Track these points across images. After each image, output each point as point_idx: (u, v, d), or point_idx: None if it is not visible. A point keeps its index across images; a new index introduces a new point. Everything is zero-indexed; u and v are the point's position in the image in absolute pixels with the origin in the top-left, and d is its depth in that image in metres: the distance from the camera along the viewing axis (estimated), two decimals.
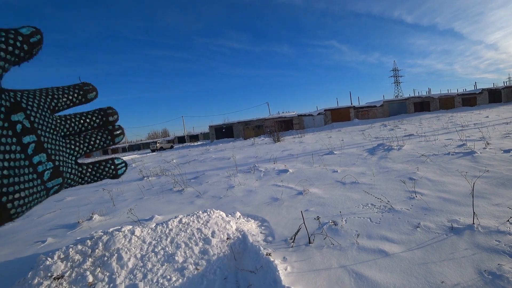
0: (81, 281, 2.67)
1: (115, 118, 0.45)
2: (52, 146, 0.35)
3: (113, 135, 0.44)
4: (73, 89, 0.40)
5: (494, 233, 2.68)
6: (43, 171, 0.33)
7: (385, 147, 8.20)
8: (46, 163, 0.33)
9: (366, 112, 33.62)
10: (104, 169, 0.43)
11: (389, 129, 16.18)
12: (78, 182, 0.40)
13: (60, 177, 0.35)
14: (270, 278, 2.40)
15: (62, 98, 0.38)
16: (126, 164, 0.46)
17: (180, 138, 63.89)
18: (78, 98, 0.40)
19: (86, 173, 0.41)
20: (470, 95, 35.40)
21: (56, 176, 0.34)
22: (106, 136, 0.44)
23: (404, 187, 4.41)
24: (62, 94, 0.38)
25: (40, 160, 0.32)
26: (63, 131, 0.38)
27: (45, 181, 0.33)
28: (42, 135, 0.34)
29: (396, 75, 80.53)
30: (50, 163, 0.34)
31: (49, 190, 0.34)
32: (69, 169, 0.37)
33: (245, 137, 32.99)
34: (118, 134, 0.45)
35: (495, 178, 4.23)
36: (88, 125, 0.42)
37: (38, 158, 0.32)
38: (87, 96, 0.41)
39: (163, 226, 3.44)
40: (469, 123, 13.65)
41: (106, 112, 0.44)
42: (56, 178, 0.34)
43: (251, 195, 5.45)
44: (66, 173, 0.36)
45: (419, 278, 2.22)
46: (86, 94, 0.41)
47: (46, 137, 0.34)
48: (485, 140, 7.37)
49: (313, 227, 3.38)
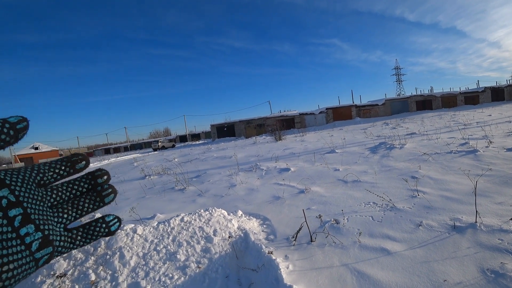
0: (83, 279, 2.68)
1: (105, 179, 0.45)
2: (39, 217, 0.35)
3: (102, 196, 0.44)
4: (61, 163, 0.41)
5: (497, 231, 2.67)
6: (31, 242, 0.33)
7: (387, 146, 8.17)
8: (34, 234, 0.33)
9: (368, 110, 33.52)
10: (95, 229, 0.42)
11: (391, 128, 16.13)
12: (69, 248, 0.39)
13: (50, 246, 0.35)
14: (272, 277, 2.40)
15: (48, 173, 0.39)
16: (119, 219, 0.46)
17: (182, 137, 64.02)
18: (66, 171, 0.41)
19: (77, 237, 0.40)
20: (473, 94, 35.21)
21: (45, 245, 0.34)
22: (95, 199, 0.43)
23: (406, 186, 4.40)
24: (49, 169, 0.39)
25: (27, 232, 0.33)
26: (50, 201, 0.39)
27: (33, 252, 0.33)
28: (28, 207, 0.34)
29: (398, 73, 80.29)
30: (39, 233, 0.34)
31: (38, 260, 0.34)
32: (58, 236, 0.37)
33: (246, 136, 32.99)
34: (108, 194, 0.44)
35: (498, 177, 4.21)
36: (76, 191, 0.42)
37: (25, 229, 0.33)
38: (75, 167, 0.42)
39: (165, 225, 3.45)
40: (471, 122, 13.59)
41: (95, 175, 0.44)
42: (45, 248, 0.34)
43: (252, 194, 5.45)
44: (56, 241, 0.36)
45: (421, 276, 2.21)
46: (74, 165, 0.42)
47: (33, 209, 0.35)
48: (488, 138, 7.34)
49: (315, 225, 3.38)
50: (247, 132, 33.81)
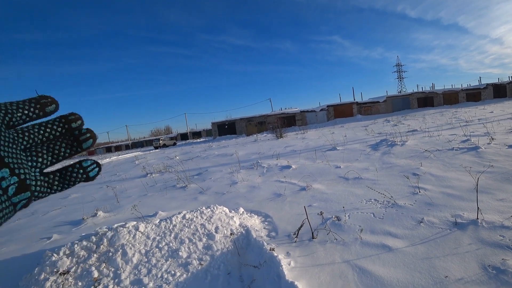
0: (86, 276, 2.70)
1: (79, 124, 0.43)
2: (14, 160, 0.34)
3: (79, 141, 0.42)
4: (29, 103, 0.39)
5: (498, 228, 2.67)
6: (7, 187, 0.32)
7: (388, 143, 8.16)
8: (10, 178, 0.33)
9: (369, 107, 33.43)
10: (71, 174, 0.41)
11: (392, 125, 16.10)
12: (47, 192, 0.39)
13: (27, 191, 0.35)
14: (273, 273, 2.42)
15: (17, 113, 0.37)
16: (98, 165, 0.44)
17: (183, 135, 64.01)
18: (35, 113, 0.39)
19: (54, 182, 0.40)
20: (475, 90, 35.05)
21: (22, 190, 0.34)
22: (72, 143, 0.42)
23: (407, 183, 4.40)
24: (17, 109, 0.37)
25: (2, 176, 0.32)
26: (23, 144, 0.37)
27: (11, 196, 0.33)
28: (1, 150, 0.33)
29: (399, 70, 79.81)
30: (15, 177, 0.33)
31: (16, 204, 0.33)
32: (34, 181, 0.37)
33: (247, 133, 32.99)
34: (86, 139, 0.43)
35: (499, 173, 4.20)
36: (49, 134, 0.40)
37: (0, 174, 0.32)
38: (45, 109, 0.40)
39: (167, 222, 3.47)
40: (473, 119, 13.54)
41: (68, 119, 0.42)
42: (23, 192, 0.34)
43: (254, 191, 5.46)
44: (32, 186, 0.36)
45: (423, 272, 2.22)
46: (44, 107, 0.40)
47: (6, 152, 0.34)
48: (490, 135, 7.32)
49: (316, 222, 3.39)
50: (248, 129, 33.79)
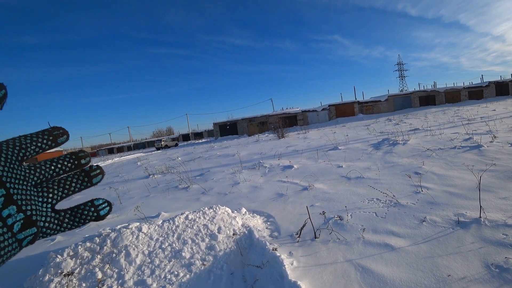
0: (90, 277, 2.72)
1: (87, 160, 0.44)
2: (22, 197, 0.35)
3: (90, 176, 0.44)
4: (42, 136, 0.40)
5: (501, 226, 2.66)
6: (13, 224, 0.33)
7: (390, 142, 8.15)
8: (16, 215, 0.33)
9: (370, 107, 33.36)
10: (83, 212, 0.42)
11: (394, 124, 16.06)
12: (56, 230, 0.39)
13: (33, 227, 0.35)
14: (276, 273, 2.42)
15: (31, 147, 0.38)
16: (109, 204, 0.45)
17: (185, 136, 64.13)
18: (48, 144, 0.40)
19: (64, 220, 0.40)
20: (477, 88, 34.89)
21: (28, 226, 0.34)
22: (83, 178, 0.43)
23: (409, 182, 4.39)
24: (31, 143, 0.38)
25: (9, 213, 0.33)
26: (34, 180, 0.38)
27: (15, 233, 0.33)
28: (11, 188, 0.34)
29: (401, 69, 79.63)
30: (21, 214, 0.34)
31: (22, 241, 0.34)
32: (44, 217, 0.37)
33: (249, 133, 33.00)
34: (96, 174, 0.44)
35: (502, 172, 4.19)
36: (60, 170, 0.41)
37: (7, 211, 0.33)
38: (57, 140, 0.41)
39: (169, 223, 3.48)
40: (475, 117, 13.48)
41: (78, 156, 0.44)
42: (28, 228, 0.34)
43: (256, 191, 5.47)
44: (40, 222, 0.36)
45: (426, 271, 2.22)
46: (56, 139, 0.41)
47: (16, 189, 0.34)
48: (492, 133, 7.29)
49: (319, 222, 3.39)
50: (250, 130, 33.80)
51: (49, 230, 0.38)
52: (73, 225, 0.41)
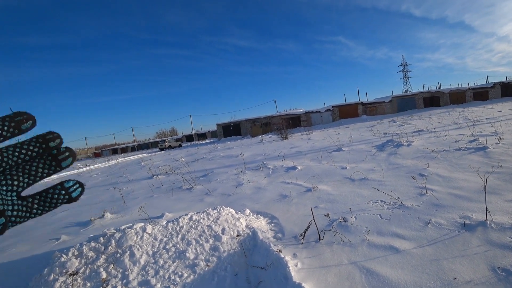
0: (95, 277, 2.74)
1: (57, 143, 0.41)
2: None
3: (58, 160, 0.40)
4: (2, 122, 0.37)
5: (507, 229, 2.63)
6: None
7: (394, 143, 8.10)
8: None
9: (374, 108, 33.21)
10: (53, 196, 0.40)
11: (398, 125, 15.97)
12: (25, 217, 0.37)
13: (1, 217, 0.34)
14: (280, 274, 2.42)
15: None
16: (81, 185, 0.43)
17: (188, 137, 64.32)
18: (10, 131, 0.37)
19: (33, 206, 0.38)
20: (482, 89, 34.56)
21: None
22: (50, 163, 0.40)
23: (414, 183, 4.37)
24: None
25: None
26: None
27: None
28: None
29: (405, 70, 79.06)
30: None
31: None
32: (11, 206, 0.36)
33: (252, 134, 33.02)
34: (65, 157, 0.41)
35: (508, 174, 4.14)
36: (25, 156, 0.39)
37: None
38: (20, 127, 0.38)
39: (173, 224, 3.50)
40: (481, 118, 13.36)
41: (45, 138, 0.40)
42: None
43: (260, 192, 5.47)
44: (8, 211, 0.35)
45: (431, 274, 2.20)
46: (19, 125, 0.38)
47: None
48: (498, 135, 7.21)
49: (323, 223, 3.38)
50: (253, 131, 33.82)
51: (18, 218, 0.37)
52: (44, 210, 0.40)
